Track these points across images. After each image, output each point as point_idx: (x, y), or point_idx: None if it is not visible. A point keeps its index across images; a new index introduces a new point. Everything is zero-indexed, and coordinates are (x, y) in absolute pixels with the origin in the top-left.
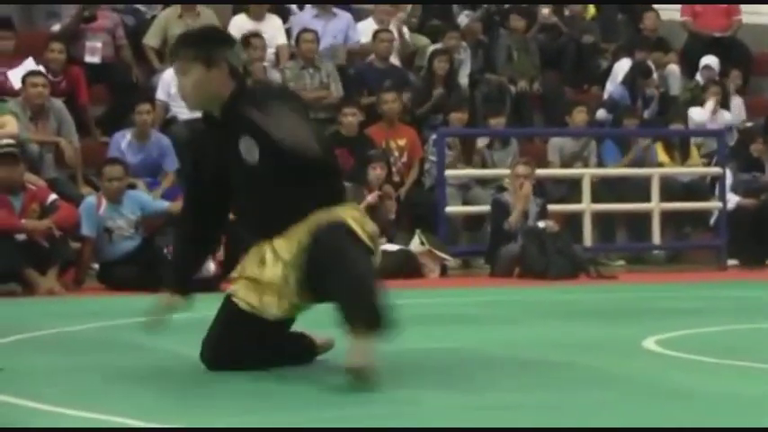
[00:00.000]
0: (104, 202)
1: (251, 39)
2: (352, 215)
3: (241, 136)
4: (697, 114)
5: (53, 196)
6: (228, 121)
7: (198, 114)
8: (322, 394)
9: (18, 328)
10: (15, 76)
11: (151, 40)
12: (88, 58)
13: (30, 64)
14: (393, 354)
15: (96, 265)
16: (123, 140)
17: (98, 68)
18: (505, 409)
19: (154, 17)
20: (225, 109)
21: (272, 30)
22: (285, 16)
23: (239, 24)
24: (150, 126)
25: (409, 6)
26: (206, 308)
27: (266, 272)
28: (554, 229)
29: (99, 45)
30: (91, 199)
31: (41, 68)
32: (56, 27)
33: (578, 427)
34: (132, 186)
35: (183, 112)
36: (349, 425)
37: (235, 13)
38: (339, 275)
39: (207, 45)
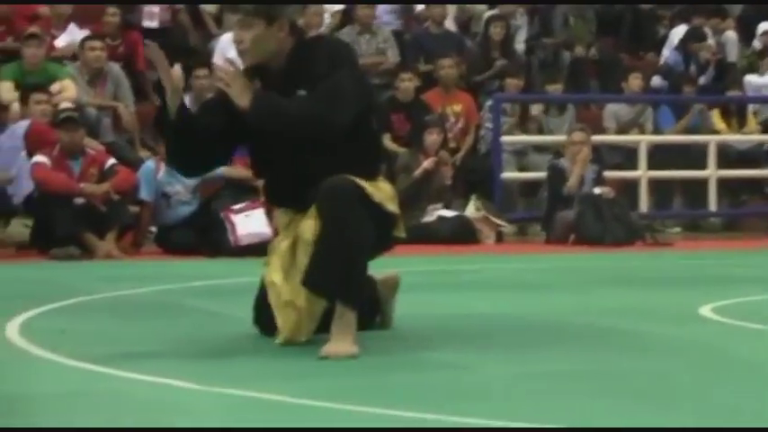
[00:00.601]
0: (163, 166)
1: (308, 4)
2: (378, 186)
3: (295, 94)
4: (754, 81)
5: (112, 160)
6: (283, 78)
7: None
8: (379, 359)
9: (77, 292)
10: (63, 41)
11: (209, 5)
12: (146, 23)
13: (73, 30)
14: (452, 318)
15: (154, 229)
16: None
17: (156, 33)
18: (564, 375)
19: None
20: (281, 66)
21: None
22: None
23: None
24: (207, 90)
25: None
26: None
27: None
28: (610, 195)
29: (156, 10)
30: (150, 163)
31: (86, 33)
32: None
33: (640, 395)
34: None
35: None
36: (405, 390)
37: None
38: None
39: (268, 1)
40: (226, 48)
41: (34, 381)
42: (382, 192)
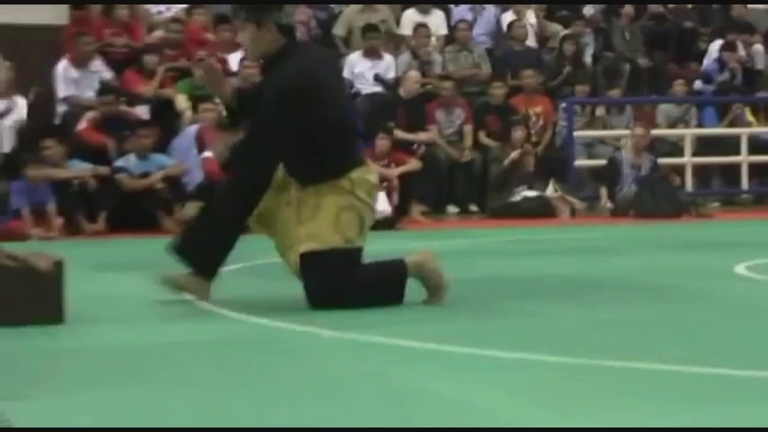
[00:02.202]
0: None
1: (419, 28)
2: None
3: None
4: None
5: None
6: (276, 68)
7: (377, 88)
8: (477, 308)
9: (239, 260)
10: (233, 61)
11: (339, 30)
12: None
13: (243, 52)
14: (536, 277)
15: None
16: None
17: None
18: (616, 322)
19: (341, 12)
20: (274, 58)
21: (437, 21)
22: (447, 10)
23: (410, 17)
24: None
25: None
26: (381, 241)
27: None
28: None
29: (298, 34)
30: None
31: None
32: None
33: (685, 338)
34: None
35: (365, 88)
36: (474, 336)
37: (404, 7)
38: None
39: (255, 9)
40: (353, 63)
41: (203, 329)
42: (356, 183)
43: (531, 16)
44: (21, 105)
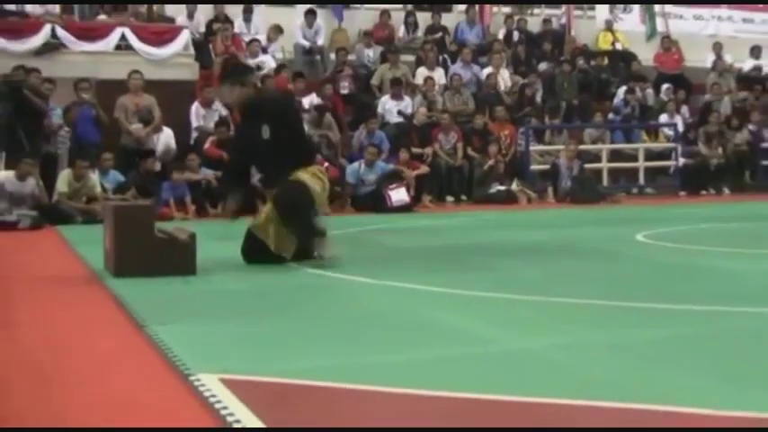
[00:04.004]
0: (363, 165)
1: (427, 80)
2: (311, 172)
3: (261, 123)
4: (663, 116)
5: (326, 164)
6: (252, 113)
7: (399, 119)
8: (459, 266)
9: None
10: (305, 102)
11: (375, 80)
12: (342, 91)
13: (312, 96)
14: (499, 244)
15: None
16: (362, 134)
17: (347, 96)
18: (556, 273)
19: (376, 69)
20: (250, 107)
21: (439, 74)
22: (446, 67)
23: (421, 72)
24: (375, 126)
25: (504, 61)
26: (403, 221)
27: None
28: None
29: (346, 84)
30: (355, 164)
31: (317, 97)
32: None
33: (597, 284)
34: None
35: (392, 119)
36: (463, 282)
37: (418, 66)
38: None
39: (240, 74)
40: (384, 103)
41: (285, 278)
42: (311, 174)
43: (503, 71)
44: (168, 134)
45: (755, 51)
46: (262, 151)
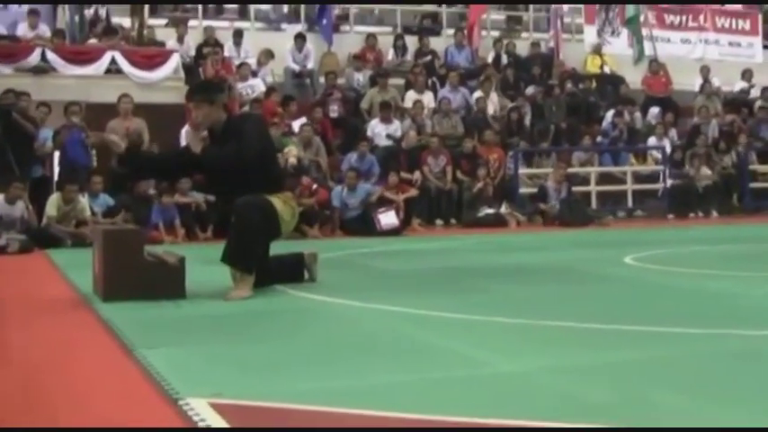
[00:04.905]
0: (345, 189)
1: (416, 103)
2: (282, 199)
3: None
4: (651, 139)
5: (315, 185)
6: (223, 134)
7: (389, 142)
8: (449, 287)
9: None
10: (295, 126)
11: (364, 104)
12: (331, 115)
13: (302, 119)
14: (488, 266)
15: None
16: (353, 158)
17: (336, 120)
18: (545, 295)
19: (365, 92)
20: (220, 128)
21: (428, 98)
22: (435, 91)
23: (411, 96)
24: (366, 150)
25: (493, 86)
26: (393, 244)
27: None
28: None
29: (336, 107)
30: (338, 188)
31: (303, 121)
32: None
33: (588, 306)
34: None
35: (381, 142)
36: (452, 306)
37: (407, 89)
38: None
39: (209, 92)
40: (374, 126)
41: (274, 301)
42: (282, 201)
43: (492, 95)
44: None
45: (747, 75)
46: (228, 173)
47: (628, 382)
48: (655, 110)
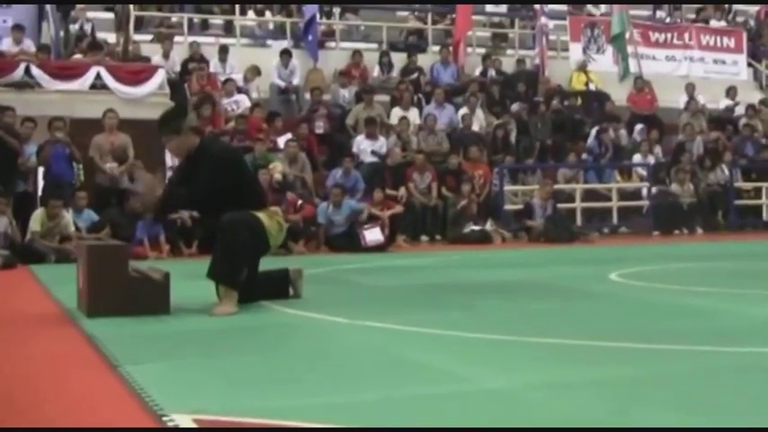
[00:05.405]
0: (331, 206)
1: (402, 120)
2: (267, 214)
3: (204, 172)
4: (636, 156)
5: (300, 201)
6: (198, 160)
7: (374, 159)
8: (436, 302)
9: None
10: (280, 142)
11: (349, 120)
12: (317, 131)
13: (287, 135)
14: (474, 283)
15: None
16: (337, 174)
17: (322, 136)
18: (531, 312)
19: (350, 109)
20: (194, 155)
21: (414, 115)
22: (421, 107)
23: (396, 113)
24: (351, 166)
25: (479, 102)
26: (378, 260)
27: None
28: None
29: (321, 123)
30: (323, 204)
31: (289, 137)
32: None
33: (578, 321)
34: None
35: (366, 158)
36: (438, 322)
37: (393, 106)
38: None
39: (171, 122)
40: (359, 143)
41: (259, 317)
42: (268, 216)
43: (478, 112)
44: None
45: (732, 92)
46: (204, 196)
47: (613, 399)
48: (639, 127)
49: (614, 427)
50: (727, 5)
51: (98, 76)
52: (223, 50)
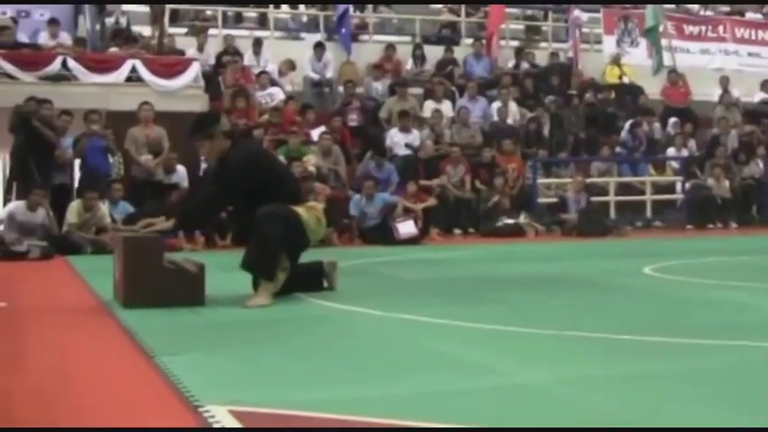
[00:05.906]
0: (364, 198)
1: (435, 113)
2: (305, 206)
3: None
4: (670, 150)
5: (327, 190)
6: (221, 162)
7: (407, 151)
8: (468, 297)
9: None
10: (314, 134)
11: (383, 113)
12: (350, 123)
13: (321, 128)
14: (506, 276)
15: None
16: (371, 166)
17: (355, 129)
18: (564, 306)
19: (384, 102)
20: (224, 157)
21: (447, 107)
22: (454, 100)
23: (429, 105)
24: (385, 159)
25: (512, 95)
26: (411, 253)
27: None
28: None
29: (354, 116)
30: (357, 197)
31: (323, 130)
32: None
33: (610, 315)
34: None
35: (400, 151)
36: (471, 315)
37: (426, 99)
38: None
39: (204, 128)
40: (392, 135)
41: (292, 309)
42: (305, 209)
43: (511, 105)
44: (181, 172)
45: (766, 85)
46: (223, 202)
47: (650, 394)
48: (673, 120)
49: (651, 423)
50: None
51: (133, 69)
52: (257, 43)
